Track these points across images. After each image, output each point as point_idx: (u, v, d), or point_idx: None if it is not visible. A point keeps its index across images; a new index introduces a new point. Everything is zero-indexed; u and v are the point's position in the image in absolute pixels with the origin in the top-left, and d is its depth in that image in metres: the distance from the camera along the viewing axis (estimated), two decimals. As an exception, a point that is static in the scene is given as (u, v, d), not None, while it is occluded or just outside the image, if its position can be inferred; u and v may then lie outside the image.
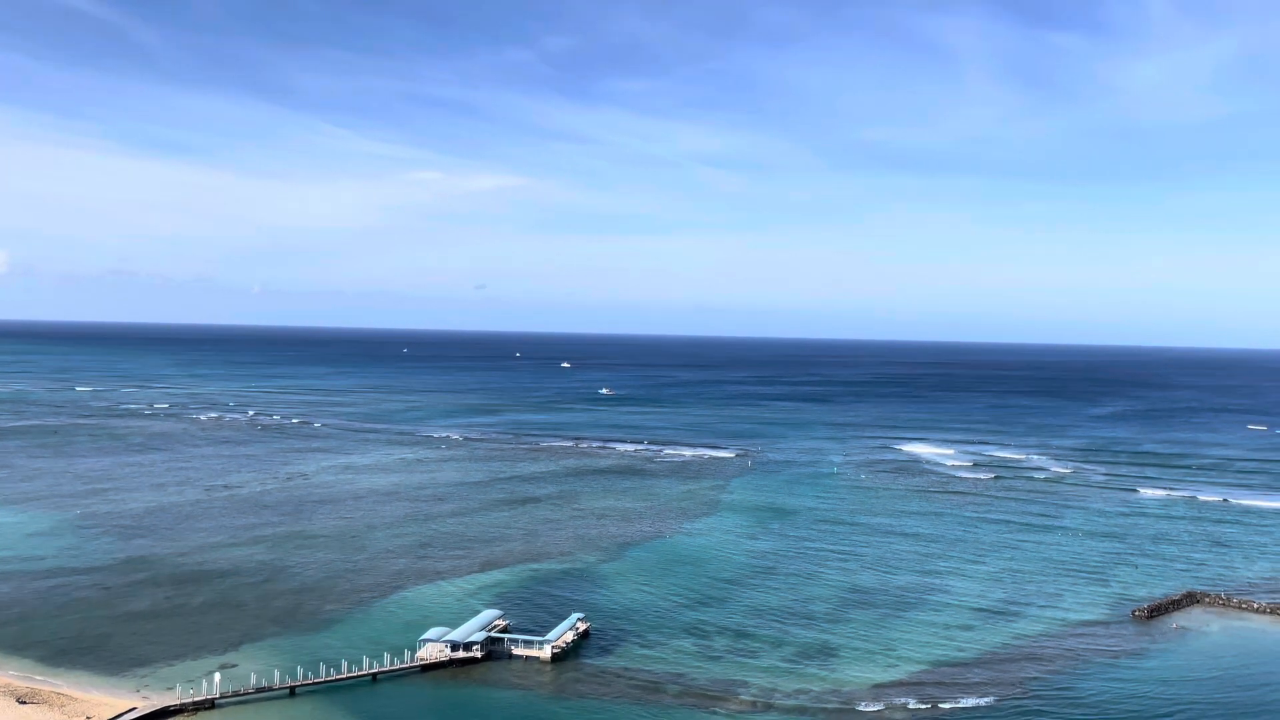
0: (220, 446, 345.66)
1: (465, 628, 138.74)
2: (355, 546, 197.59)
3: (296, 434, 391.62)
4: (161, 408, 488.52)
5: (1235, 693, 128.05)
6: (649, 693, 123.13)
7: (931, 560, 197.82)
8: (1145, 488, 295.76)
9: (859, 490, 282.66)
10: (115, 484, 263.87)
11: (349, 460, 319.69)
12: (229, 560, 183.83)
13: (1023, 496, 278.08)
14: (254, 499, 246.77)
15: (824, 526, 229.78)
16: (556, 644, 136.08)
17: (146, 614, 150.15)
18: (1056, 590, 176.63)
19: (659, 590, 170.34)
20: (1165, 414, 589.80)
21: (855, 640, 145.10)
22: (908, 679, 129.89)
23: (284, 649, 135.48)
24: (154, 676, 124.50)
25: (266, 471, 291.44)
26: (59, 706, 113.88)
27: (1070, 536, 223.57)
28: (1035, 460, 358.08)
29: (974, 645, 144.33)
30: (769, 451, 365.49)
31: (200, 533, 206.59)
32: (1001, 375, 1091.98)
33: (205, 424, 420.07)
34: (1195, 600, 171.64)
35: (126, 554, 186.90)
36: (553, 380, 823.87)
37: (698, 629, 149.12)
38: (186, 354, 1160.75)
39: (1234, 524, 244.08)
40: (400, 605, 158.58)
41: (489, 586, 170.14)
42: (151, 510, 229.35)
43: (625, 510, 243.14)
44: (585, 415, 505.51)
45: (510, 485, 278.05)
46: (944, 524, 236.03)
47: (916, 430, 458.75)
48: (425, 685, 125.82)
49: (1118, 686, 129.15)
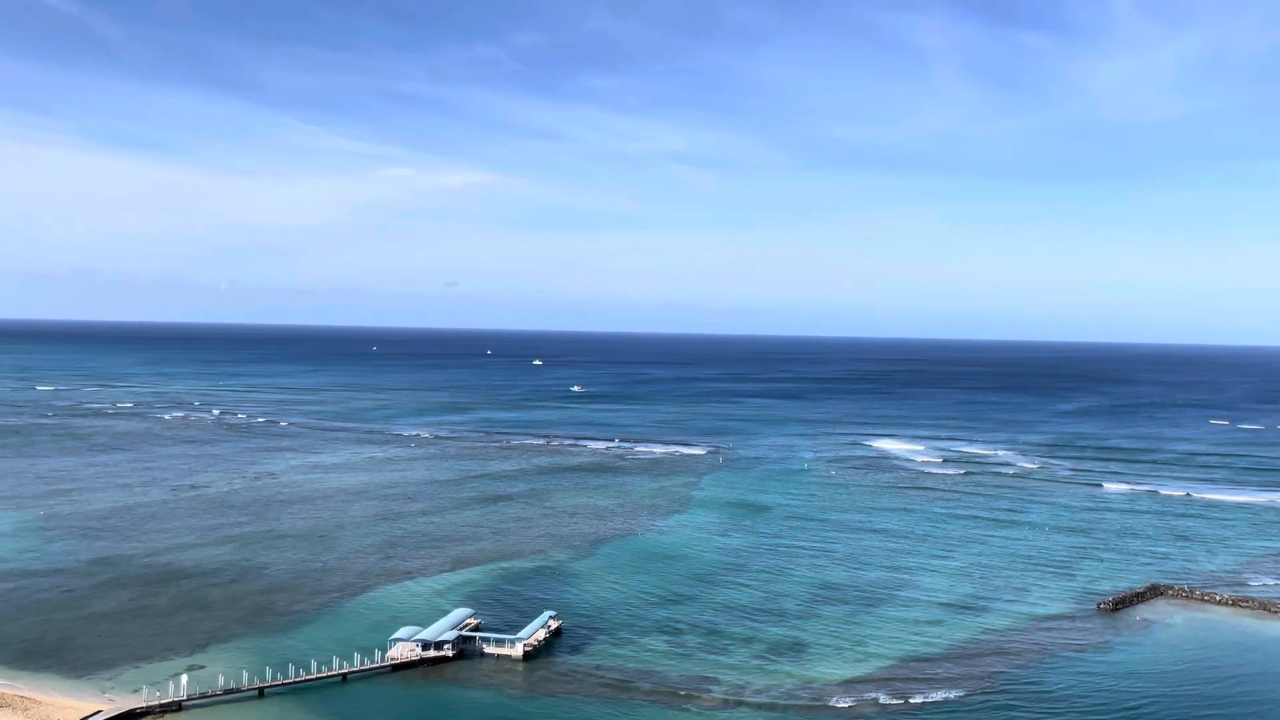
0: (186, 446, 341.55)
1: (436, 627, 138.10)
2: (324, 546, 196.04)
3: (264, 433, 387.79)
4: (126, 407, 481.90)
5: (1198, 683, 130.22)
6: (621, 690, 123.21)
7: (901, 555, 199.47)
8: (1110, 482, 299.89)
9: (830, 487, 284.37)
10: (79, 484, 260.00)
11: (318, 459, 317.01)
12: (196, 561, 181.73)
13: (990, 492, 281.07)
14: (221, 499, 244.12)
15: (795, 523, 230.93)
16: (528, 642, 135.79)
17: (111, 615, 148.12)
18: (1023, 584, 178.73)
19: (631, 588, 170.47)
20: (1130, 409, 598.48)
21: (825, 636, 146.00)
22: (878, 674, 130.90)
23: (252, 650, 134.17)
24: (119, 679, 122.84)
25: (234, 471, 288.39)
26: (23, 710, 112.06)
27: (1038, 532, 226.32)
28: (1003, 455, 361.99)
29: (943, 639, 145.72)
30: (740, 448, 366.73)
31: (166, 533, 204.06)
32: (971, 372, 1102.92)
33: (171, 423, 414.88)
34: (1159, 593, 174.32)
35: (91, 555, 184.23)
36: (524, 378, 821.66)
37: (669, 626, 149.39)
38: (153, 352, 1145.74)
39: (1197, 518, 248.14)
40: (370, 605, 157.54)
41: (460, 585, 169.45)
42: (116, 510, 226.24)
43: (597, 508, 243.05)
44: (557, 413, 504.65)
45: (481, 483, 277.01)
46: (913, 519, 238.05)
47: (887, 426, 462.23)
48: (396, 685, 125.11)
49: (1083, 678, 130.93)
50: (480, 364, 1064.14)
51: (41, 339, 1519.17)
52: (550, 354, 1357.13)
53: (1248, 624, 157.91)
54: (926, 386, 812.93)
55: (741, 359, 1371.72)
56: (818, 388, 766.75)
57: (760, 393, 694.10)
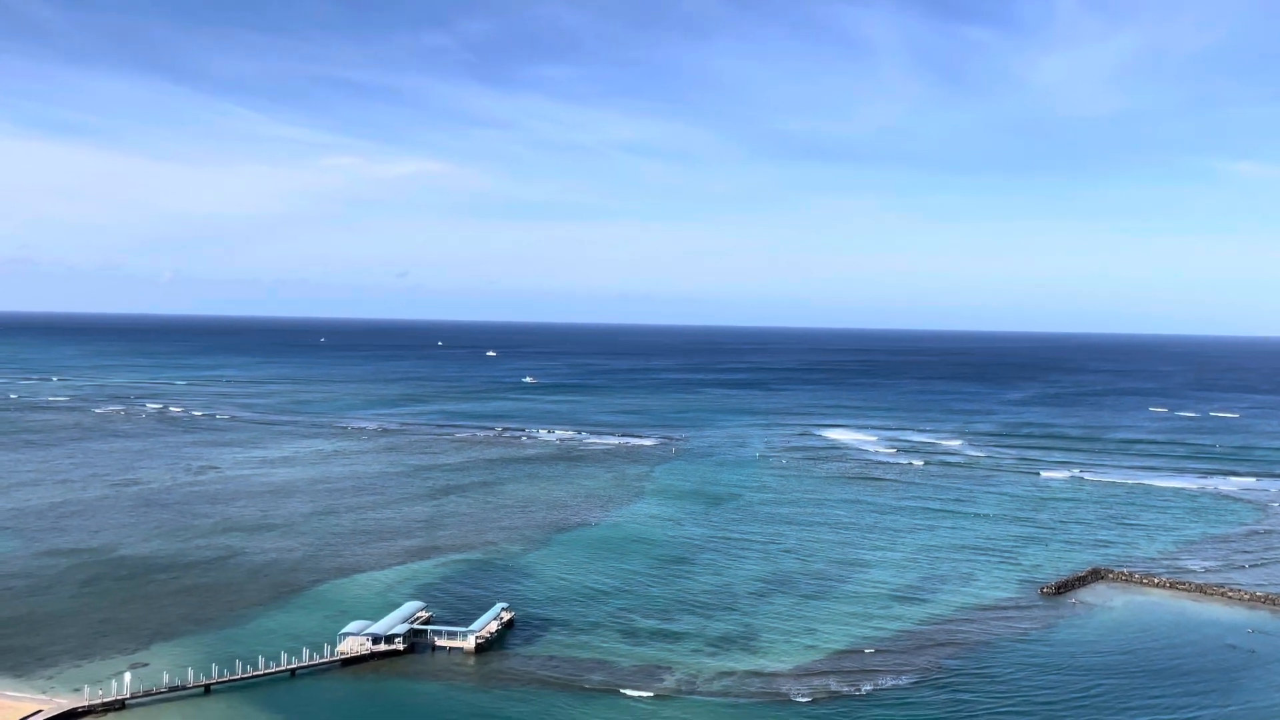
0: (128, 440, 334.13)
1: (387, 620, 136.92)
2: (271, 540, 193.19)
3: (208, 426, 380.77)
4: (65, 400, 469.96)
5: (1138, 663, 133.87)
6: (573, 681, 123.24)
7: (850, 544, 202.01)
8: (1054, 469, 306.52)
9: (782, 476, 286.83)
10: (16, 480, 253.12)
11: (264, 453, 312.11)
12: (138, 557, 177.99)
13: (938, 480, 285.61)
14: (164, 494, 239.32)
15: (747, 513, 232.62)
16: (480, 634, 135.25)
17: (52, 613, 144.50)
18: (969, 571, 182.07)
19: (583, 579, 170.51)
20: (1075, 398, 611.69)
21: (777, 625, 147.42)
22: (828, 661, 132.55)
23: (198, 646, 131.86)
24: (60, 677, 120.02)
25: (177, 465, 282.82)
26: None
27: (983, 519, 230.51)
28: (952, 444, 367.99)
29: (891, 626, 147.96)
30: (694, 439, 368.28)
31: (108, 529, 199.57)
32: (922, 362, 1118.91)
33: (111, 417, 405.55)
34: (1100, 576, 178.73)
35: (30, 551, 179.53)
36: (477, 369, 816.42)
37: (622, 617, 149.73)
38: (92, 344, 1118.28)
39: (1137, 503, 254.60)
40: (319, 599, 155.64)
41: (411, 578, 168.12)
42: (56, 506, 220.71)
43: (550, 499, 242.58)
44: (510, 404, 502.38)
45: (433, 475, 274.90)
46: (863, 509, 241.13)
47: (839, 416, 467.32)
48: (346, 679, 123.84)
49: (1027, 660, 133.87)
50: (432, 355, 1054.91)
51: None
52: (504, 345, 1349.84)
53: (1185, 605, 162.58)
54: (878, 376, 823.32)
55: (695, 349, 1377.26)
56: (771, 378, 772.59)
57: (713, 383, 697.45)
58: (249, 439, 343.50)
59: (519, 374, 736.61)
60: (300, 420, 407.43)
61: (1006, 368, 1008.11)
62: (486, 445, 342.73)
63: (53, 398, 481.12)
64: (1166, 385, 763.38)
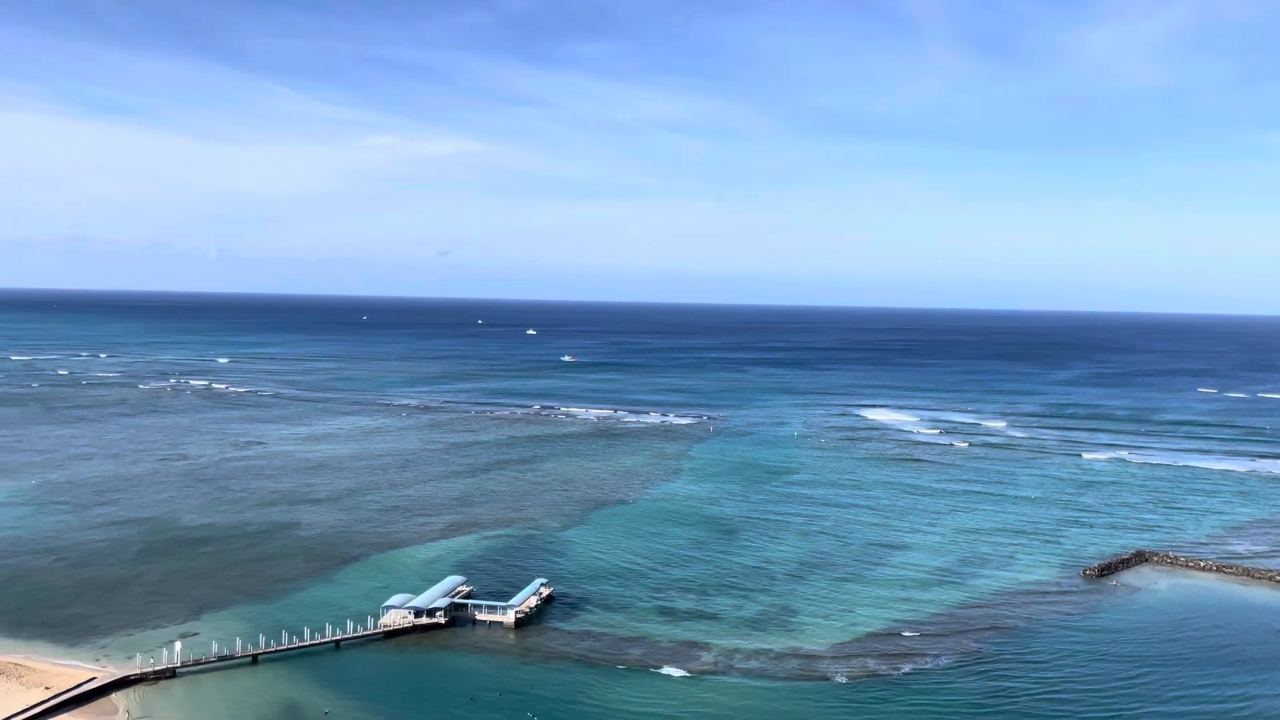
0: (176, 416, 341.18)
1: (429, 594, 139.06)
2: (316, 514, 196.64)
3: (254, 403, 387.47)
4: (115, 376, 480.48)
5: (1180, 646, 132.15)
6: (611, 657, 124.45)
7: (890, 525, 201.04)
8: (1099, 451, 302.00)
9: (821, 456, 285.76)
10: (71, 453, 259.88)
11: (308, 429, 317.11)
12: (188, 529, 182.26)
13: (981, 461, 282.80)
14: (212, 468, 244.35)
15: (784, 492, 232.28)
16: (520, 609, 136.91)
17: (105, 584, 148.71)
18: (1011, 552, 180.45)
19: (621, 555, 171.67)
20: (1122, 378, 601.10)
21: (814, 604, 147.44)
22: (866, 641, 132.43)
23: (246, 617, 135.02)
24: (113, 646, 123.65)
25: (224, 440, 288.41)
26: (16, 678, 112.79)
27: (1026, 500, 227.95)
28: (994, 425, 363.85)
29: (930, 607, 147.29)
30: (733, 418, 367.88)
31: (158, 503, 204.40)
32: (966, 341, 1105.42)
33: (161, 393, 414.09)
34: (1144, 559, 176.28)
35: (83, 524, 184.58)
36: (517, 348, 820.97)
37: (659, 594, 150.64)
38: (141, 321, 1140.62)
39: (1184, 485, 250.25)
40: (363, 572, 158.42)
41: (452, 553, 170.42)
42: (108, 480, 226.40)
43: (588, 476, 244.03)
44: (549, 383, 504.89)
45: (473, 452, 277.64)
46: (903, 489, 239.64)
47: (880, 396, 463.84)
48: (389, 651, 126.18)
49: (1069, 644, 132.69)
50: (472, 334, 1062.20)
51: (31, 308, 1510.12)
52: (544, 324, 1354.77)
53: (1232, 589, 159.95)
54: (921, 356, 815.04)
55: (734, 328, 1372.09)
56: (811, 357, 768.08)
57: (753, 362, 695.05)
58: (293, 415, 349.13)
59: (558, 352, 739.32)
60: (343, 397, 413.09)
61: (1052, 347, 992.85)
62: (526, 423, 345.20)
63: (103, 374, 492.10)
64: (1216, 365, 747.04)
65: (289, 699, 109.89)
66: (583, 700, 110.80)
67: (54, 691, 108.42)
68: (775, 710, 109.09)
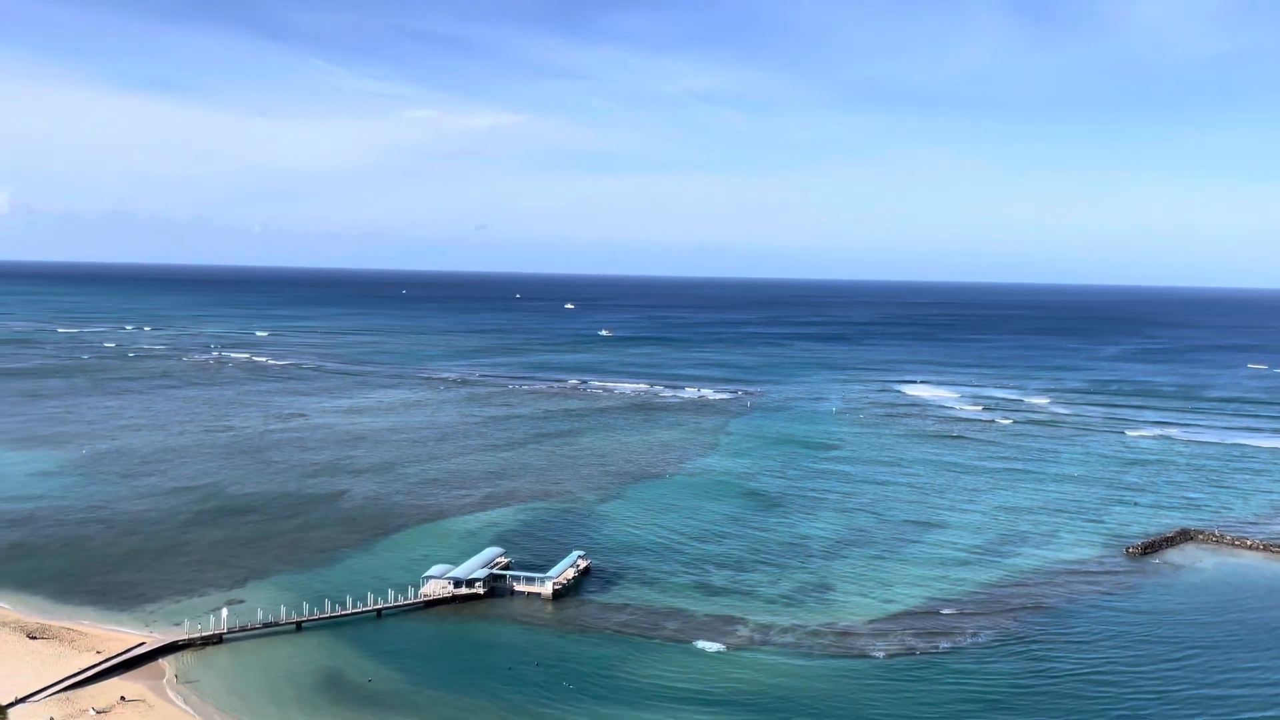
0: (220, 388, 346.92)
1: (468, 565, 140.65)
2: (358, 486, 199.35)
3: (296, 375, 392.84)
4: (161, 349, 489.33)
5: (1225, 626, 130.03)
6: (648, 629, 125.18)
7: (929, 501, 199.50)
8: (1145, 428, 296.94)
9: (859, 432, 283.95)
10: (119, 424, 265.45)
11: (350, 402, 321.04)
12: (233, 499, 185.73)
13: (1023, 438, 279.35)
14: (256, 439, 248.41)
15: (822, 467, 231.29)
16: (558, 581, 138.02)
17: (153, 551, 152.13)
18: (1052, 530, 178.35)
19: (658, 529, 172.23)
20: (1170, 354, 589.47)
21: (852, 579, 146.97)
22: (903, 615, 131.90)
23: (289, 585, 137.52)
24: (161, 612, 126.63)
25: (268, 412, 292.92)
26: (69, 642, 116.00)
27: (1069, 476, 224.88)
28: (1038, 401, 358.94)
29: (970, 584, 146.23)
30: (771, 393, 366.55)
31: (204, 473, 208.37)
32: (1010, 316, 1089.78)
33: (205, 365, 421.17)
34: (1189, 537, 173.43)
35: (132, 493, 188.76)
36: (555, 322, 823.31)
37: (696, 567, 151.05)
38: (186, 295, 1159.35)
39: (1232, 463, 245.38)
40: (403, 543, 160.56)
41: (491, 525, 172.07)
42: (156, 450, 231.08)
43: (625, 450, 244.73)
44: (587, 357, 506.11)
45: (511, 425, 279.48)
46: (943, 466, 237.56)
47: (921, 371, 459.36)
48: (429, 620, 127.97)
49: (1110, 622, 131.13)
50: (510, 308, 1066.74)
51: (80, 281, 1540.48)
52: (582, 298, 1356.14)
53: (1279, 569, 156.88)
54: (964, 331, 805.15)
55: (773, 302, 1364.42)
56: (851, 332, 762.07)
57: (791, 336, 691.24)
58: (335, 388, 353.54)
59: (596, 327, 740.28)
60: (383, 370, 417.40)
61: (1099, 322, 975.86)
62: (563, 397, 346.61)
63: (149, 346, 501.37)
64: (1268, 341, 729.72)
65: (332, 666, 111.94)
66: (618, 673, 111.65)
67: (105, 655, 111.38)
68: (812, 686, 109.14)
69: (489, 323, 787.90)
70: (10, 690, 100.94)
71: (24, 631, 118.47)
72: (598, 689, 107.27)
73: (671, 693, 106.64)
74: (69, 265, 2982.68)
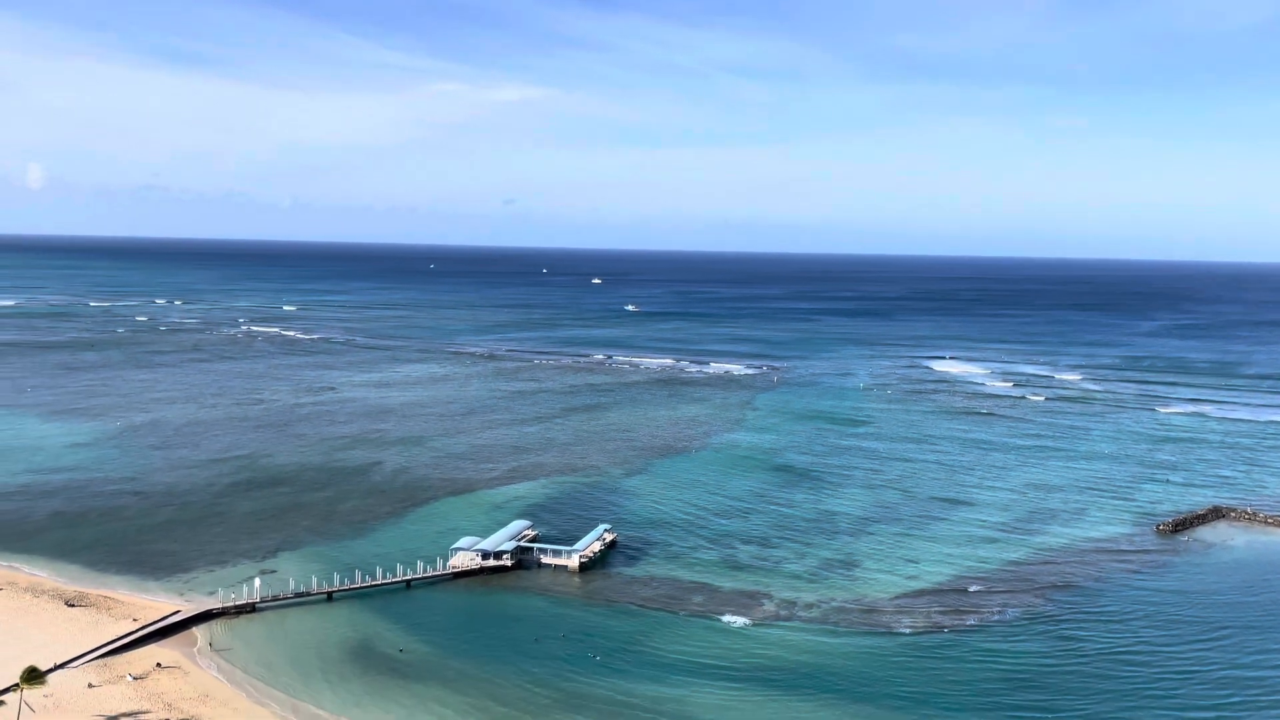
0: (252, 361, 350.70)
1: (495, 537, 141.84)
2: (387, 458, 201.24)
3: (326, 349, 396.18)
4: (194, 323, 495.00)
5: (1255, 604, 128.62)
6: (673, 602, 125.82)
7: (957, 478, 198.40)
8: (1178, 405, 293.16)
9: (887, 408, 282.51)
10: (152, 397, 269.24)
11: (379, 375, 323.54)
12: (265, 471, 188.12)
13: (1053, 415, 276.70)
14: (287, 412, 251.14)
15: (849, 444, 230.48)
16: (584, 554, 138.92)
17: (187, 522, 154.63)
18: (1081, 507, 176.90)
19: (684, 503, 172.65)
20: (1206, 330, 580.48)
21: (878, 555, 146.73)
22: (930, 591, 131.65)
23: (320, 556, 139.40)
24: (196, 581, 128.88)
25: (299, 386, 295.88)
26: (105, 609, 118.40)
27: (1099, 453, 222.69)
28: (1069, 378, 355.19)
29: (997, 560, 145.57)
30: (798, 368, 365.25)
31: (237, 446, 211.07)
32: (1043, 291, 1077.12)
33: (236, 339, 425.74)
34: (1221, 515, 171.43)
35: (167, 464, 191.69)
36: (582, 297, 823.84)
37: (722, 540, 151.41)
38: (217, 269, 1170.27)
39: (1267, 441, 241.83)
40: (432, 515, 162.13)
41: (518, 498, 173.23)
42: (189, 422, 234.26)
43: (652, 425, 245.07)
44: (613, 332, 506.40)
45: (538, 400, 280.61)
46: (971, 442, 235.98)
47: (950, 347, 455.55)
48: (457, 592, 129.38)
49: (1140, 599, 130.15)
50: (537, 282, 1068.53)
51: (113, 255, 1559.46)
52: (609, 272, 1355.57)
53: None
54: (995, 306, 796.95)
55: (800, 277, 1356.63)
56: (880, 307, 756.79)
57: (819, 311, 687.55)
58: (364, 361, 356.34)
59: (623, 301, 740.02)
60: (411, 344, 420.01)
61: (1134, 298, 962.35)
62: (590, 371, 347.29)
63: (180, 320, 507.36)
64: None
65: (363, 635, 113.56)
66: (644, 646, 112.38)
67: (141, 623, 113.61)
68: (837, 662, 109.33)
69: (516, 297, 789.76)
70: (50, 656, 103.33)
71: (62, 599, 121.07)
72: (623, 662, 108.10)
73: (696, 667, 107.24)
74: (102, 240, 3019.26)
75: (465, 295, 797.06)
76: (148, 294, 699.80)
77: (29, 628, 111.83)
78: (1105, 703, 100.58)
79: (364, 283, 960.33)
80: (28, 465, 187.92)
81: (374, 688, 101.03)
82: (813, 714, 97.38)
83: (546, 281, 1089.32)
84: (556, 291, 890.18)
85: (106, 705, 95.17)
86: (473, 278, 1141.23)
